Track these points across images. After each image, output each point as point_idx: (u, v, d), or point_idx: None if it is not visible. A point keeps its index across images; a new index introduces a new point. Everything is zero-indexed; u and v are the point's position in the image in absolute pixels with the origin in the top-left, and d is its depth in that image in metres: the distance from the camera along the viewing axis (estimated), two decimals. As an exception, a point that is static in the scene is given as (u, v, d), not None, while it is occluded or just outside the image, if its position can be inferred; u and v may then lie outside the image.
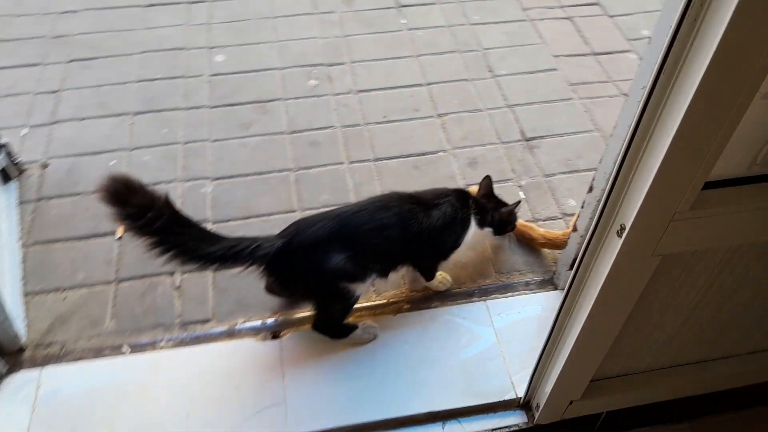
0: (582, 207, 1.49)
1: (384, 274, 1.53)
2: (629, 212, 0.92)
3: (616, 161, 1.30)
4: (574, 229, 1.55)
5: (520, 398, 1.49)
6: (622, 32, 2.58)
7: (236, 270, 1.38)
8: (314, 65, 2.41)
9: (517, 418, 1.50)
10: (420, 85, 2.34)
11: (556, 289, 1.72)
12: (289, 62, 2.42)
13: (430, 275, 1.66)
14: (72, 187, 1.94)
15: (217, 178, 2.00)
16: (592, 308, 1.07)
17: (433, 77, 2.37)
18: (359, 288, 1.49)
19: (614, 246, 0.97)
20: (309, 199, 1.94)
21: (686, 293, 1.16)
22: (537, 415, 1.45)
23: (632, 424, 1.61)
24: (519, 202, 1.67)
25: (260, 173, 2.02)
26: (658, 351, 1.34)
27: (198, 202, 1.92)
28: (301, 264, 1.43)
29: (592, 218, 1.46)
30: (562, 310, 1.18)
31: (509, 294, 1.72)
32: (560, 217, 1.91)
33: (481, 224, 1.61)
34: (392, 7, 2.68)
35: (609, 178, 1.34)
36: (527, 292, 1.72)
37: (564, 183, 2.00)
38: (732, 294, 1.20)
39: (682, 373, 1.44)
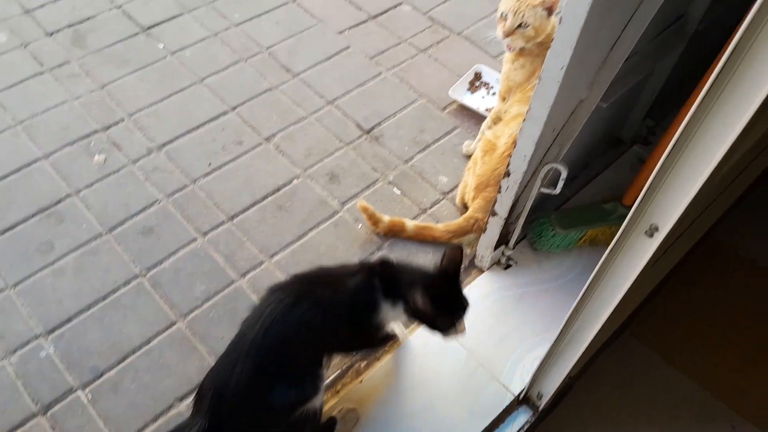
0: (500, 192, 1.44)
1: (324, 366, 1.27)
2: (663, 213, 0.87)
3: (535, 143, 1.27)
4: (493, 214, 1.51)
5: (519, 395, 1.46)
6: (383, -13, 2.52)
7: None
8: (87, 136, 1.92)
9: (524, 416, 1.47)
10: (225, 112, 2.02)
11: (482, 272, 1.69)
12: (52, 144, 1.89)
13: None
14: None
15: (52, 330, 1.52)
16: (617, 305, 1.04)
17: (233, 99, 2.06)
18: (318, 399, 1.24)
19: (645, 246, 0.93)
20: (185, 300, 1.59)
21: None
22: (542, 403, 1.44)
23: (596, 356, 1.71)
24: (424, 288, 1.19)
25: (104, 297, 1.58)
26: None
27: (46, 373, 1.45)
28: (246, 424, 1.14)
29: (515, 201, 1.43)
30: (574, 313, 1.14)
31: (447, 298, 1.64)
32: (441, 198, 1.86)
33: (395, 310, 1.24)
34: (138, 33, 2.23)
35: (527, 159, 1.32)
36: (460, 287, 1.66)
37: (425, 162, 1.94)
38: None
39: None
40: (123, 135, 1.93)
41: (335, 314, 1.20)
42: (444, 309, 1.21)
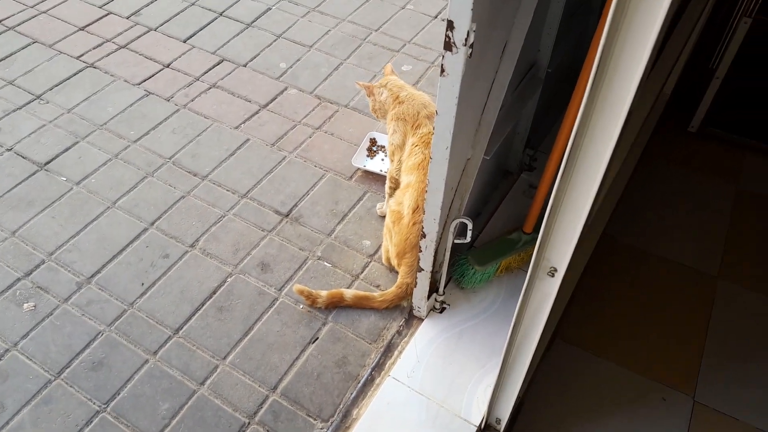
0: (421, 251, 1.61)
1: None
2: (558, 257, 1.07)
3: (440, 208, 1.46)
4: (420, 270, 1.68)
5: (480, 425, 1.61)
6: (266, 75, 2.68)
7: None
8: (10, 286, 1.92)
9: (490, 443, 1.63)
10: (145, 230, 2.08)
11: (422, 320, 1.85)
12: (-26, 303, 1.87)
13: None
14: None
15: (24, 491, 1.51)
16: (543, 332, 1.23)
17: (149, 215, 2.13)
18: None
19: (549, 284, 1.12)
20: (152, 423, 1.62)
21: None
22: (501, 427, 1.61)
23: (536, 369, 1.90)
24: None
25: (69, 442, 1.59)
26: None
27: None
28: None
29: (435, 257, 1.61)
30: (509, 346, 1.32)
31: (396, 353, 1.78)
32: (369, 261, 2.01)
33: None
34: (36, 172, 2.25)
35: (437, 221, 1.50)
36: (405, 338, 1.81)
37: (347, 231, 2.09)
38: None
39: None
40: (47, 276, 1.94)
41: None
42: None
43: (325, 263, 2.00)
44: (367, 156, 2.31)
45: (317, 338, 1.81)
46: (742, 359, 1.94)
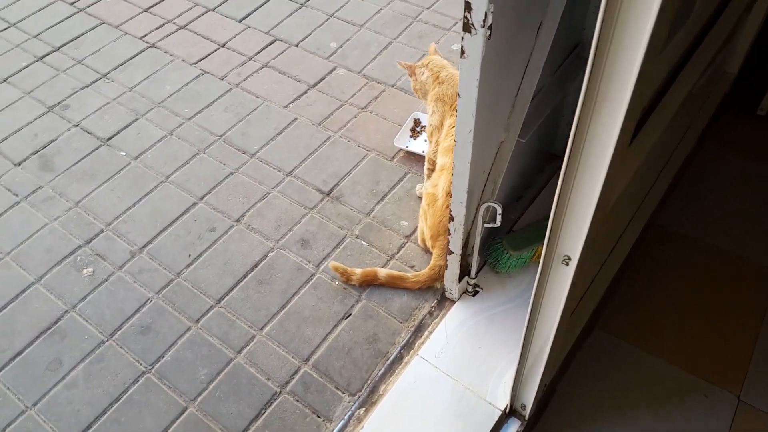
0: (450, 234, 1.62)
1: None
2: (571, 245, 1.05)
3: (466, 191, 1.45)
4: (450, 252, 1.69)
5: (505, 409, 1.61)
6: (316, 55, 2.72)
7: None
8: (72, 252, 2.06)
9: (513, 427, 1.62)
10: (194, 204, 2.18)
11: (454, 303, 1.85)
12: (41, 268, 2.03)
13: None
14: None
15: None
16: (559, 322, 1.22)
17: (199, 189, 2.23)
18: None
19: (564, 273, 1.10)
20: (191, 386, 1.73)
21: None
22: (527, 413, 1.60)
23: (571, 357, 1.87)
24: None
25: (117, 398, 1.72)
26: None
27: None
28: None
29: (465, 239, 1.61)
30: (527, 333, 1.31)
31: (426, 333, 1.80)
32: (405, 241, 2.03)
33: None
34: (99, 147, 2.40)
35: (463, 205, 1.50)
36: (436, 319, 1.83)
37: (385, 211, 2.11)
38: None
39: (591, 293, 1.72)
40: (105, 245, 2.08)
41: None
42: None
43: (362, 242, 2.03)
44: (411, 137, 2.31)
45: (350, 314, 1.86)
46: (795, 359, 1.83)
